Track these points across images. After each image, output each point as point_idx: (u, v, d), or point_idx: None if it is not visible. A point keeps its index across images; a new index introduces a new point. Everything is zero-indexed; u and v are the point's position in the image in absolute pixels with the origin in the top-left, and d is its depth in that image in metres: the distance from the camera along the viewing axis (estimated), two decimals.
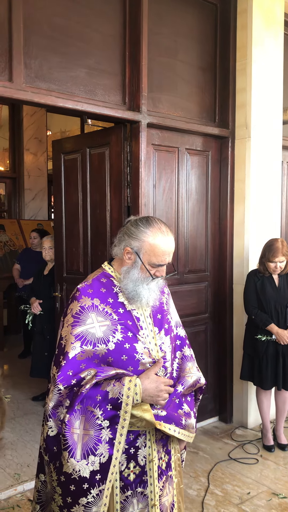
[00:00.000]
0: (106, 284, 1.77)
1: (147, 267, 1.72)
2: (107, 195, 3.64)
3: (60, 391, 1.60)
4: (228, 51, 4.11)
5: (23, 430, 4.02)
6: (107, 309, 1.71)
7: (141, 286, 1.72)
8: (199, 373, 1.94)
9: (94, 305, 1.70)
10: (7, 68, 2.88)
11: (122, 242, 1.76)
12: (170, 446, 1.85)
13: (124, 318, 1.72)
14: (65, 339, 1.66)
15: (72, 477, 1.56)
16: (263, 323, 3.64)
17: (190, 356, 1.95)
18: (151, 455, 1.74)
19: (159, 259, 1.71)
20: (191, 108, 3.93)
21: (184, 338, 1.98)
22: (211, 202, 4.16)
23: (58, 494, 1.61)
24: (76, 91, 3.20)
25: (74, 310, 1.69)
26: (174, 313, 1.98)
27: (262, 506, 3.05)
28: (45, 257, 4.60)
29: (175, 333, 1.93)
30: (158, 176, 3.72)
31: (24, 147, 7.89)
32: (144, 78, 3.46)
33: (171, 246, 1.74)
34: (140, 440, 1.72)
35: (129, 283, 1.73)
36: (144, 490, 1.74)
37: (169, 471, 1.85)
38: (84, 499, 1.57)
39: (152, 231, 1.71)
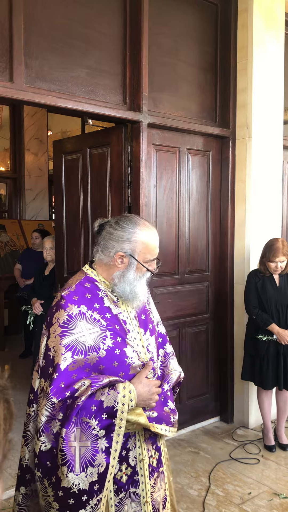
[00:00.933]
0: (91, 289, 1.73)
1: (144, 265, 1.73)
2: (108, 195, 3.64)
3: (54, 405, 1.56)
4: (228, 51, 4.11)
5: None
6: (94, 316, 1.67)
7: (139, 286, 1.74)
8: (180, 368, 1.97)
9: (82, 313, 1.65)
10: (7, 69, 2.88)
11: (110, 249, 1.72)
12: (159, 443, 1.86)
13: (112, 323, 1.70)
14: (54, 350, 1.61)
15: (72, 491, 1.53)
16: (264, 323, 3.64)
17: (172, 352, 1.98)
18: (141, 455, 1.74)
19: (153, 254, 1.75)
20: (192, 108, 3.93)
21: (165, 335, 2.00)
22: (212, 202, 4.16)
23: (55, 510, 1.56)
24: (76, 91, 3.20)
25: (61, 319, 1.63)
26: (155, 311, 1.99)
27: (263, 506, 3.04)
28: (46, 257, 4.60)
29: (157, 330, 1.95)
30: (159, 176, 3.72)
31: (25, 147, 7.89)
32: (145, 78, 3.46)
33: (157, 237, 1.79)
34: (131, 442, 1.72)
35: (126, 286, 1.72)
36: (137, 489, 1.74)
37: (161, 467, 1.86)
38: (83, 511, 1.55)
39: (141, 229, 1.72)
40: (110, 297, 1.74)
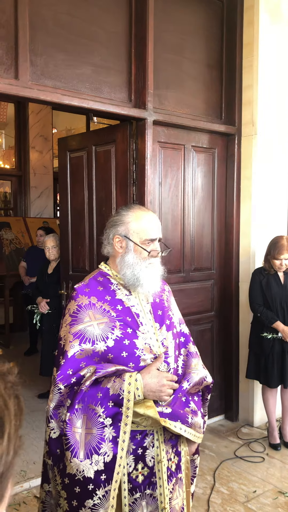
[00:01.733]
0: (103, 282, 1.77)
1: (141, 245, 1.72)
2: (113, 192, 3.63)
3: (61, 391, 1.58)
4: (234, 48, 4.09)
5: (29, 427, 4.03)
6: (104, 307, 1.69)
7: (139, 269, 1.72)
8: (205, 371, 1.90)
9: (91, 303, 1.69)
10: (13, 66, 2.88)
11: (109, 235, 1.79)
12: (180, 447, 1.81)
13: (123, 314, 1.70)
14: (64, 339, 1.65)
15: (76, 478, 1.52)
16: (268, 320, 3.63)
17: (195, 353, 1.93)
18: (159, 456, 1.69)
19: (149, 233, 1.73)
20: (197, 105, 3.92)
21: (188, 335, 1.97)
22: (217, 199, 4.15)
23: (64, 498, 1.56)
24: (82, 88, 3.20)
25: (71, 310, 1.69)
26: (176, 310, 1.97)
27: (268, 505, 3.04)
28: (49, 257, 4.59)
29: (178, 329, 1.91)
30: (164, 173, 3.71)
31: (29, 145, 7.90)
32: (150, 75, 3.45)
33: (155, 219, 1.77)
34: (148, 440, 1.68)
35: (126, 270, 1.73)
36: (153, 492, 1.69)
37: (179, 473, 1.80)
38: (90, 501, 1.53)
39: (133, 211, 1.77)
40: (122, 290, 1.75)
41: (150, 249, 1.73)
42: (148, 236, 1.73)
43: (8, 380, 0.68)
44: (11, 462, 0.63)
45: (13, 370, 0.72)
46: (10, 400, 0.65)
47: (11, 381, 0.69)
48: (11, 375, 0.70)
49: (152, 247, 1.74)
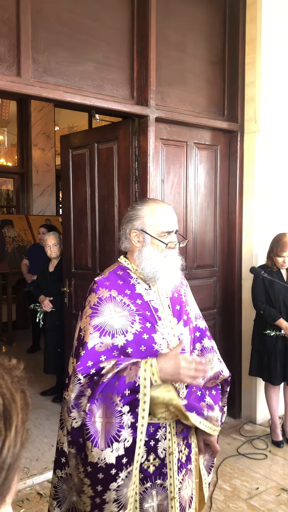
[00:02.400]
0: (123, 276, 1.78)
1: (158, 238, 1.73)
2: (115, 190, 3.63)
3: (80, 381, 1.60)
4: (237, 45, 4.07)
5: (32, 425, 4.05)
6: (124, 300, 1.71)
7: (157, 261, 1.73)
8: (222, 365, 1.90)
9: (112, 296, 1.70)
10: (15, 63, 2.88)
11: (126, 231, 1.80)
12: (190, 439, 1.83)
13: (142, 308, 1.71)
14: (84, 330, 1.66)
15: (99, 466, 1.54)
16: (271, 318, 3.63)
17: (211, 347, 1.93)
18: (171, 448, 1.72)
19: (165, 226, 1.74)
20: (199, 102, 3.91)
21: (204, 329, 1.96)
22: (219, 196, 4.14)
23: (88, 485, 1.58)
24: (84, 85, 3.19)
25: (92, 302, 1.70)
26: (193, 304, 1.97)
27: (271, 502, 3.04)
28: (50, 255, 4.59)
29: (194, 324, 1.91)
30: (166, 170, 3.70)
31: (32, 143, 7.90)
32: (153, 72, 3.45)
33: (170, 212, 1.77)
34: (160, 433, 1.71)
35: (145, 263, 1.74)
36: (164, 482, 1.73)
37: (189, 464, 1.83)
38: (114, 484, 1.54)
39: (148, 204, 1.78)
40: (142, 284, 1.77)
41: (167, 241, 1.73)
42: (165, 229, 1.73)
43: (14, 374, 0.69)
44: (18, 454, 0.64)
45: (19, 365, 0.73)
46: (17, 394, 0.66)
47: (18, 375, 0.70)
48: (17, 370, 0.71)
49: (169, 239, 1.74)
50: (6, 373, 0.68)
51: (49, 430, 3.97)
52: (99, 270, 3.85)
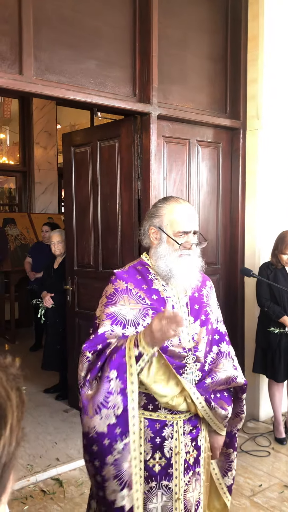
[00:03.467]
0: (142, 271, 1.80)
1: (173, 237, 1.73)
2: (117, 188, 3.63)
3: (89, 358, 1.63)
4: (239, 42, 4.06)
5: (35, 422, 4.05)
6: (140, 294, 1.73)
7: (171, 260, 1.73)
8: (237, 372, 1.87)
9: (128, 289, 1.73)
10: (17, 61, 2.88)
11: (145, 227, 1.82)
12: (200, 442, 1.80)
13: (157, 304, 1.72)
14: (99, 318, 1.70)
15: (90, 436, 1.52)
16: (275, 315, 3.62)
17: (227, 353, 1.90)
18: (177, 448, 1.71)
19: (181, 226, 1.73)
20: (201, 100, 3.90)
21: (224, 334, 1.94)
22: (222, 194, 4.14)
23: (88, 461, 1.57)
24: (86, 83, 3.19)
25: (108, 292, 1.74)
26: (215, 307, 1.96)
27: (274, 499, 3.05)
28: (54, 251, 4.61)
29: (214, 327, 1.90)
30: (168, 168, 3.70)
31: (34, 141, 7.90)
32: (155, 70, 3.44)
33: (190, 212, 1.77)
34: (167, 431, 1.70)
35: (160, 261, 1.75)
36: (169, 483, 1.71)
37: (197, 467, 1.80)
38: (110, 456, 1.51)
39: (169, 203, 1.78)
40: (160, 281, 1.78)
41: (182, 241, 1.73)
42: (181, 229, 1.73)
43: (10, 372, 0.69)
44: (13, 453, 0.64)
45: (15, 363, 0.72)
46: (12, 392, 0.66)
47: (13, 373, 0.69)
48: (13, 367, 0.71)
49: (185, 239, 1.74)
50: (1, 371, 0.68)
51: (52, 427, 3.97)
52: (102, 268, 3.85)
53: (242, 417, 1.93)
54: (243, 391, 1.90)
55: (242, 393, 1.90)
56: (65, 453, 3.55)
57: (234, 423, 1.95)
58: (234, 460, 1.98)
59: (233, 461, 1.97)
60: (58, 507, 2.94)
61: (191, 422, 1.77)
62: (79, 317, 4.12)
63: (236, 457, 1.99)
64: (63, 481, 3.21)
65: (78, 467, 3.38)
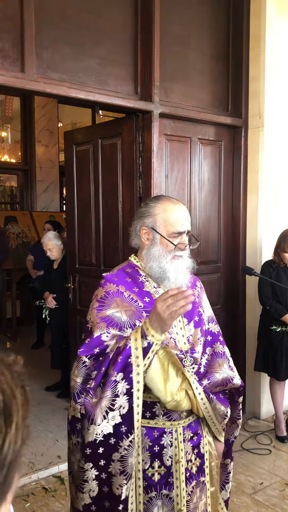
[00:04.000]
0: (132, 273, 1.74)
1: (167, 238, 1.68)
2: (119, 186, 3.63)
3: (86, 363, 1.57)
4: (241, 40, 4.05)
5: (36, 420, 4.06)
6: (132, 296, 1.67)
7: (165, 262, 1.68)
8: (233, 373, 1.82)
9: (119, 291, 1.67)
10: (19, 59, 2.87)
11: (136, 227, 1.76)
12: (203, 450, 1.75)
13: (150, 306, 1.65)
14: (91, 322, 1.64)
15: (97, 442, 1.48)
16: (278, 313, 3.62)
17: (222, 353, 1.85)
18: (177, 456, 1.64)
19: (176, 226, 1.68)
20: (203, 98, 3.89)
21: (217, 334, 1.89)
22: (223, 192, 4.13)
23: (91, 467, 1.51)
24: (88, 81, 3.19)
25: (99, 296, 1.68)
26: (207, 307, 1.91)
27: (275, 496, 3.05)
28: (50, 257, 4.63)
29: (206, 327, 1.85)
30: (170, 166, 3.70)
31: (35, 139, 7.90)
32: (156, 68, 3.43)
33: (183, 212, 1.72)
34: (166, 439, 1.64)
35: (153, 263, 1.69)
36: (170, 493, 1.64)
37: (202, 476, 1.73)
38: (116, 454, 1.49)
39: (162, 203, 1.72)
40: (151, 283, 1.73)
41: (177, 242, 1.68)
42: (176, 229, 1.68)
43: (14, 370, 0.69)
44: (19, 451, 0.64)
45: (19, 361, 0.72)
46: (17, 390, 0.66)
47: (18, 371, 0.69)
48: (17, 365, 0.70)
49: (179, 240, 1.69)
50: (6, 369, 0.67)
51: (54, 425, 3.98)
52: (103, 266, 3.85)
53: (239, 423, 1.88)
54: (239, 394, 1.84)
55: (238, 395, 1.85)
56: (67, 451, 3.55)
57: (231, 430, 1.89)
58: (231, 472, 1.91)
59: (230, 472, 1.90)
60: (59, 504, 2.95)
61: (191, 429, 1.71)
62: (81, 315, 4.12)
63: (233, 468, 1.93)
64: (64, 478, 3.22)
65: None
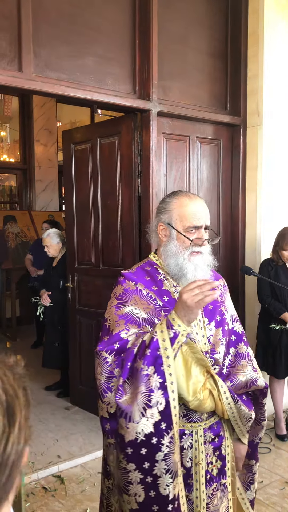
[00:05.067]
0: (151, 272, 1.71)
1: (183, 233, 1.63)
2: (118, 185, 3.62)
3: (107, 360, 1.53)
4: (239, 37, 4.04)
5: (36, 420, 4.06)
6: (151, 294, 1.64)
7: (182, 258, 1.63)
8: (256, 374, 1.76)
9: (138, 289, 1.64)
10: (16, 58, 2.87)
11: (154, 224, 1.72)
12: (225, 452, 1.71)
13: (169, 305, 1.62)
14: (109, 320, 1.61)
15: (138, 441, 1.43)
16: (276, 312, 3.62)
17: (246, 354, 1.79)
18: (197, 458, 1.62)
19: (192, 220, 1.63)
20: (202, 96, 3.89)
21: (241, 334, 1.83)
22: (222, 191, 4.12)
23: (133, 470, 1.46)
24: (85, 80, 3.18)
25: (117, 293, 1.65)
26: (230, 306, 1.86)
27: (275, 495, 3.05)
28: (48, 254, 4.62)
29: (230, 327, 1.80)
30: (169, 165, 3.69)
31: (34, 138, 7.89)
32: (154, 66, 3.43)
33: (201, 207, 1.67)
34: (186, 440, 1.61)
35: (170, 259, 1.65)
36: (189, 494, 1.61)
37: (223, 478, 1.70)
38: (160, 453, 1.43)
39: (178, 198, 1.68)
40: (170, 281, 1.69)
41: (193, 237, 1.63)
42: (192, 224, 1.63)
43: (16, 371, 0.69)
44: (21, 452, 0.64)
45: (20, 362, 0.72)
46: (19, 391, 0.66)
47: (19, 372, 0.69)
48: (18, 367, 0.71)
49: (196, 235, 1.64)
50: (8, 370, 0.68)
51: (54, 424, 3.98)
52: (102, 266, 3.85)
53: (264, 425, 1.83)
54: (263, 395, 1.79)
55: (263, 397, 1.79)
56: (66, 450, 3.55)
57: (256, 432, 1.85)
58: (256, 472, 1.87)
59: (255, 473, 1.87)
60: (59, 504, 2.94)
61: (213, 431, 1.67)
62: (80, 314, 4.12)
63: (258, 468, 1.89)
64: (64, 478, 3.22)
65: (79, 464, 3.39)
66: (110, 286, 1.80)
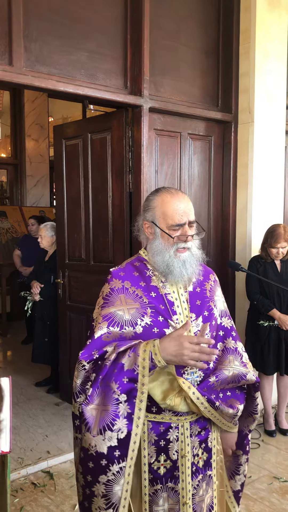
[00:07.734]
0: (139, 267, 1.72)
1: (167, 231, 1.64)
2: (109, 181, 3.62)
3: (85, 367, 1.57)
4: (231, 34, 4.04)
5: (26, 415, 4.05)
6: (137, 292, 1.65)
7: (168, 256, 1.63)
8: (245, 369, 1.75)
9: (124, 288, 1.66)
10: (7, 52, 2.85)
11: (140, 222, 1.74)
12: (211, 444, 1.74)
13: (156, 302, 1.65)
14: (96, 320, 1.64)
15: (89, 453, 1.49)
16: (265, 308, 3.64)
17: (234, 348, 1.79)
18: (183, 450, 1.65)
19: (175, 218, 1.63)
20: (193, 93, 3.88)
21: (229, 329, 1.83)
22: (213, 187, 4.13)
23: (80, 473, 1.55)
24: (77, 75, 3.17)
25: (104, 292, 1.68)
26: (220, 301, 1.86)
27: (263, 490, 3.07)
28: (40, 245, 4.60)
29: (218, 322, 1.80)
30: (160, 161, 3.69)
31: (25, 134, 7.85)
32: (146, 62, 3.42)
33: (183, 203, 1.65)
34: (172, 433, 1.64)
35: (157, 257, 1.66)
36: (175, 486, 1.65)
37: (208, 470, 1.74)
38: (104, 476, 1.48)
39: (160, 195, 1.68)
40: (158, 277, 1.69)
41: (176, 235, 1.63)
42: (174, 222, 1.63)
43: None
44: None
45: None
46: None
47: None
48: None
49: (180, 231, 1.64)
50: None
51: (43, 420, 3.98)
52: (93, 261, 3.84)
53: (256, 417, 1.84)
54: (256, 389, 1.80)
55: (255, 391, 1.80)
56: (56, 446, 3.55)
57: (246, 423, 1.85)
58: (242, 464, 1.87)
59: (241, 464, 1.87)
60: (48, 499, 2.95)
61: (199, 424, 1.70)
62: (71, 310, 4.11)
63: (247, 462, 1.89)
64: (53, 473, 3.22)
65: (68, 460, 3.39)
66: (100, 282, 1.80)
